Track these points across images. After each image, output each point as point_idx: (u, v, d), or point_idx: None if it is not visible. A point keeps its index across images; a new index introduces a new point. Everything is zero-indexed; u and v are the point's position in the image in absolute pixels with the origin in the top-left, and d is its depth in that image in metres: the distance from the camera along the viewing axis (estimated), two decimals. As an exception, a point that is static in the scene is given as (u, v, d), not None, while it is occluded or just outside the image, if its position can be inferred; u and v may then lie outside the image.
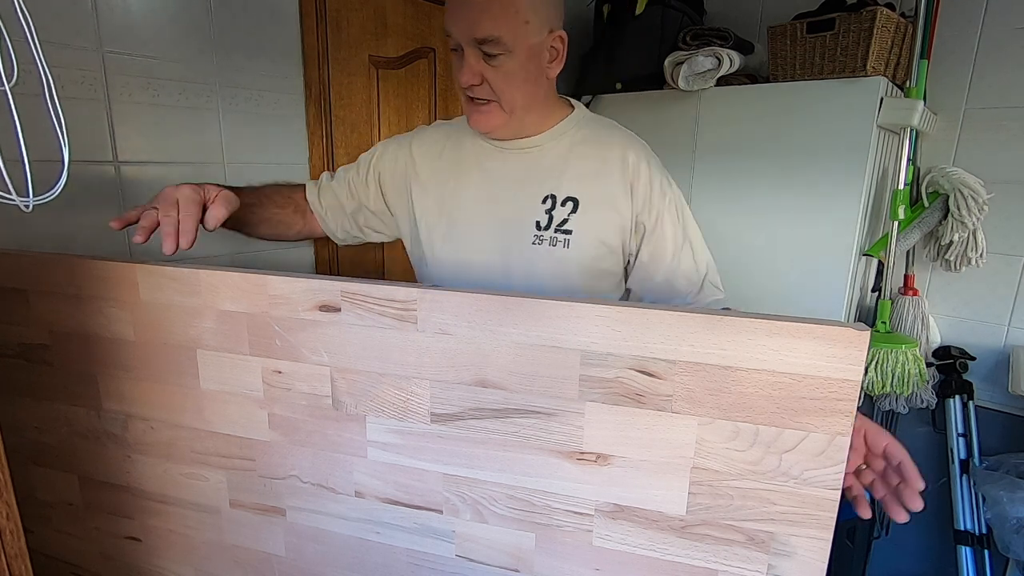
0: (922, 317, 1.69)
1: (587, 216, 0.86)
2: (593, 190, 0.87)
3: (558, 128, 0.90)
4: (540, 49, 0.82)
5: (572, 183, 0.87)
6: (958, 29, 1.58)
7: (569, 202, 0.87)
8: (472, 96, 0.83)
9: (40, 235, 1.02)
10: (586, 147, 0.89)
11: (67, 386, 0.78)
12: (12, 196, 0.60)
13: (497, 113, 0.84)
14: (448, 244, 0.92)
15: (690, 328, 0.52)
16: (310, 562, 0.74)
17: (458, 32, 0.79)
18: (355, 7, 1.48)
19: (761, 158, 1.63)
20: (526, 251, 0.88)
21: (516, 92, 0.82)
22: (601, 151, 0.89)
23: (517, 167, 0.90)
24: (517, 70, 0.81)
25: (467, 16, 0.77)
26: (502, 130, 0.87)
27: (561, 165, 0.88)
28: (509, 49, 0.78)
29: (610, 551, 0.61)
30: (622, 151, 0.88)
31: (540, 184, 0.88)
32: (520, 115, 0.86)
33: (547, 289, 0.87)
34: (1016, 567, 1.55)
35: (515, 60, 0.80)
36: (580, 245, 0.87)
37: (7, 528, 0.57)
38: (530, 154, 0.90)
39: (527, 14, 0.78)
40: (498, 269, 0.90)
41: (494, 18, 0.76)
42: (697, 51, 1.64)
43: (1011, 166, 1.57)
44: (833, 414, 0.51)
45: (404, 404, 0.64)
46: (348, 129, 1.53)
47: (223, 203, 0.76)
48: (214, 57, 1.24)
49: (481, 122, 0.85)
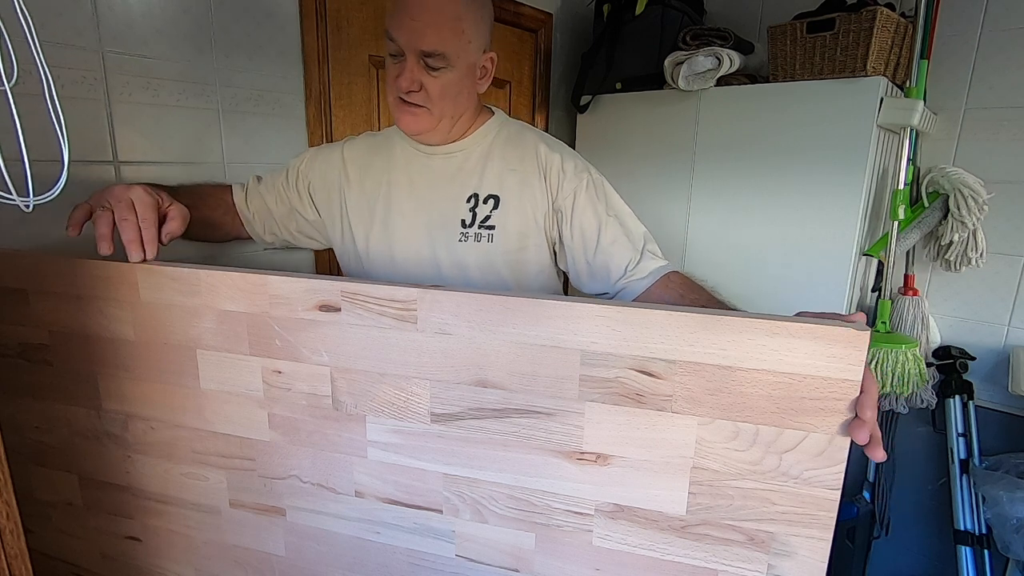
0: (922, 317, 1.69)
1: (507, 211, 0.92)
2: (512, 186, 0.93)
3: (480, 132, 0.96)
4: (475, 67, 0.89)
5: (492, 181, 0.93)
6: (958, 29, 1.58)
7: (490, 199, 0.93)
8: (405, 99, 0.87)
9: (40, 235, 1.02)
10: (505, 148, 0.96)
11: (67, 386, 0.78)
12: (12, 196, 0.60)
13: (426, 118, 0.88)
14: (381, 243, 0.98)
15: (690, 328, 0.52)
16: (310, 562, 0.74)
17: (404, 41, 0.82)
18: (355, 7, 1.48)
19: (761, 158, 1.63)
20: (453, 247, 0.94)
21: (448, 103, 0.88)
22: (518, 149, 0.95)
23: (443, 170, 0.96)
24: (453, 83, 0.86)
25: (416, 28, 0.81)
26: (428, 134, 0.92)
27: (482, 166, 0.94)
28: (451, 64, 0.84)
29: (610, 551, 0.61)
30: (535, 146, 0.94)
31: (463, 185, 0.94)
32: (447, 122, 0.91)
33: (475, 282, 0.94)
34: (1016, 567, 1.55)
35: (454, 74, 0.85)
36: (502, 238, 0.93)
37: (7, 528, 0.57)
38: (455, 157, 0.96)
39: (470, 34, 0.84)
40: (429, 265, 0.96)
41: (442, 34, 0.81)
42: (697, 51, 1.64)
43: (1011, 166, 1.57)
44: (833, 414, 0.51)
45: (404, 404, 0.64)
46: (348, 129, 1.53)
47: (179, 218, 0.78)
48: (214, 57, 1.23)
49: (410, 124, 0.89)
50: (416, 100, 0.86)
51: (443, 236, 0.94)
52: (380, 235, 0.97)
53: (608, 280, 0.91)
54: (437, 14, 0.80)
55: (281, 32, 1.35)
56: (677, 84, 1.68)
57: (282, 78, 1.37)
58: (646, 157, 1.85)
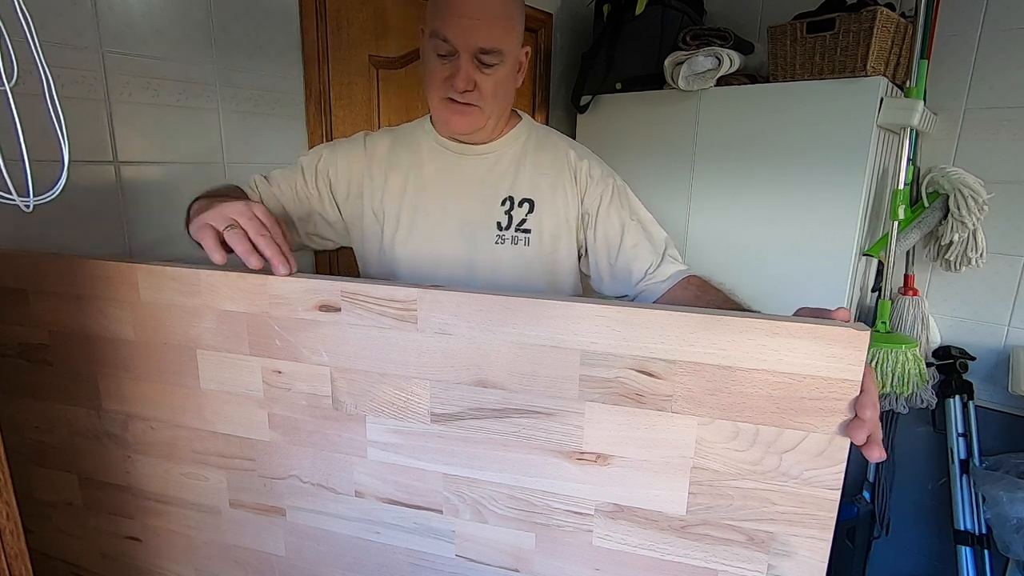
0: (922, 317, 1.69)
1: (542, 215, 0.93)
2: (545, 190, 0.93)
3: (511, 135, 0.96)
4: (519, 62, 0.89)
5: (526, 185, 0.93)
6: (958, 29, 1.58)
7: (525, 203, 0.93)
8: (457, 99, 0.86)
9: (40, 235, 1.02)
10: (537, 152, 0.96)
11: (67, 386, 0.78)
12: (12, 196, 0.60)
13: (478, 116, 0.87)
14: (409, 244, 0.95)
15: (690, 328, 0.52)
16: (310, 562, 0.74)
17: (461, 41, 0.81)
18: (355, 7, 1.48)
19: (761, 158, 1.63)
20: (490, 250, 0.93)
21: (499, 100, 0.88)
22: (549, 153, 0.96)
23: (473, 171, 0.95)
24: (504, 79, 0.86)
25: (474, 27, 0.80)
26: (477, 133, 0.91)
27: (515, 169, 0.94)
28: (504, 60, 0.83)
29: (610, 551, 0.61)
30: (566, 151, 0.96)
31: (496, 187, 0.94)
32: (494, 121, 0.91)
33: (510, 285, 0.93)
34: (1016, 567, 1.55)
35: (505, 70, 0.85)
36: (538, 242, 0.93)
37: (7, 528, 0.57)
38: (486, 159, 0.95)
39: (518, 28, 0.85)
40: (462, 266, 0.94)
41: (497, 31, 0.81)
42: (697, 51, 1.64)
43: (1011, 166, 1.57)
44: (833, 414, 0.51)
45: (404, 404, 0.64)
46: (348, 129, 1.53)
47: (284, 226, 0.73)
48: (214, 57, 1.24)
49: (461, 123, 0.88)
50: (469, 99, 0.85)
51: (479, 238, 0.93)
52: (407, 235, 0.95)
53: (629, 283, 0.92)
54: (493, 11, 0.80)
55: (281, 32, 1.35)
56: (677, 84, 1.68)
57: (282, 78, 1.37)
58: (646, 157, 1.85)
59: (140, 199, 1.16)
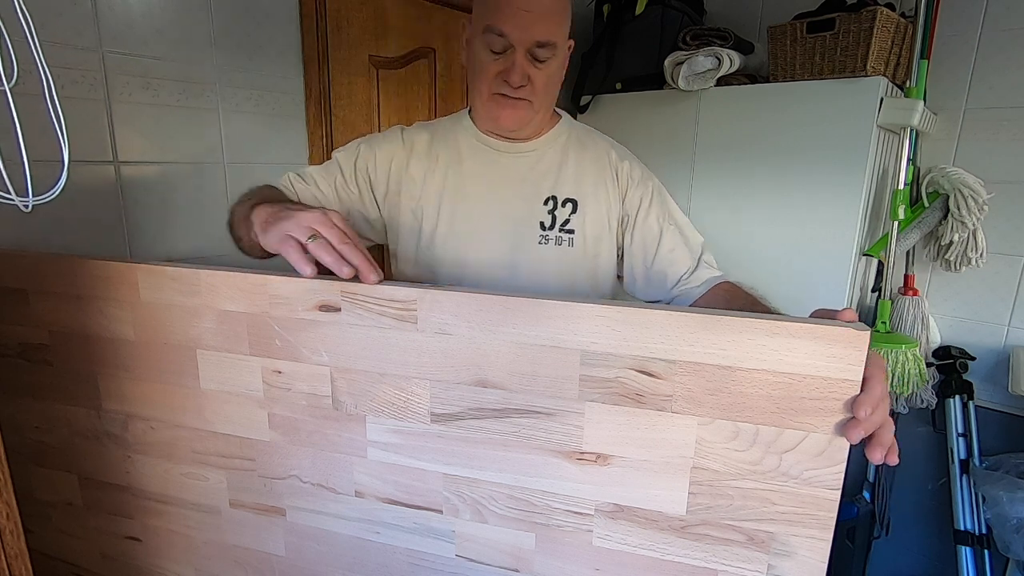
0: (922, 317, 1.69)
1: (586, 216, 0.91)
2: (588, 191, 0.92)
3: (552, 133, 0.94)
4: (567, 54, 0.88)
5: (569, 185, 0.92)
6: (958, 29, 1.58)
7: (568, 203, 0.91)
8: (509, 95, 0.85)
9: (40, 235, 1.02)
10: (579, 151, 0.94)
11: (67, 386, 0.78)
12: (12, 196, 0.60)
13: (527, 111, 0.86)
14: (450, 243, 0.92)
15: (690, 328, 0.52)
16: (310, 562, 0.74)
17: (517, 35, 0.80)
18: (355, 7, 1.48)
19: (761, 158, 1.63)
20: (534, 250, 0.91)
21: (549, 94, 0.88)
22: (590, 152, 0.95)
23: (516, 169, 0.93)
24: (555, 72, 0.86)
25: (531, 20, 0.79)
26: (525, 127, 0.90)
27: (557, 168, 0.93)
28: (556, 53, 0.83)
29: (610, 551, 0.61)
30: (606, 151, 0.95)
31: (538, 185, 0.92)
32: (542, 116, 0.90)
33: (552, 287, 0.91)
34: (1016, 567, 1.55)
35: (556, 63, 0.85)
36: (581, 243, 0.91)
37: (7, 528, 0.57)
38: (527, 157, 0.93)
39: (568, 23, 0.85)
40: (505, 267, 0.91)
41: (555, 24, 0.81)
42: (697, 51, 1.64)
43: (1011, 166, 1.56)
44: (833, 414, 0.51)
45: (404, 404, 0.64)
46: (348, 129, 1.53)
47: None
48: (214, 57, 1.24)
49: (511, 118, 0.87)
50: (522, 94, 0.84)
51: (522, 238, 0.91)
52: (446, 234, 0.92)
53: (664, 287, 0.91)
54: (549, 4, 0.80)
55: (281, 32, 1.35)
56: (677, 84, 1.68)
57: (282, 78, 1.37)
58: (646, 157, 1.83)
59: (140, 199, 1.16)
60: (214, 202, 1.28)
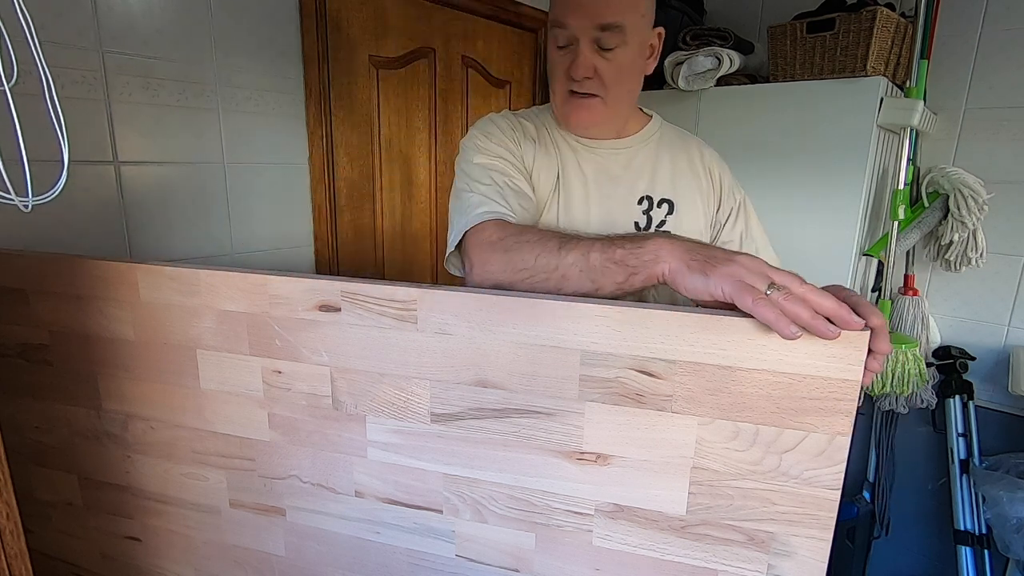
0: (922, 317, 1.69)
1: (682, 218, 0.88)
2: (684, 192, 0.89)
3: (644, 132, 0.91)
4: (647, 44, 0.83)
5: (664, 185, 0.88)
6: (958, 29, 1.58)
7: (664, 204, 0.88)
8: (577, 90, 0.81)
9: (40, 235, 1.02)
10: (673, 151, 0.91)
11: (67, 386, 0.78)
12: (12, 196, 0.60)
13: (600, 108, 0.82)
14: None
15: (690, 328, 0.52)
16: (310, 562, 0.74)
17: (577, 22, 0.77)
18: (355, 7, 1.48)
19: (761, 158, 1.63)
20: None
21: (623, 87, 0.82)
22: (686, 154, 0.91)
23: (610, 166, 0.89)
24: (629, 64, 0.80)
25: (592, 4, 0.76)
26: (599, 127, 0.86)
27: (651, 167, 0.89)
28: (626, 40, 0.78)
29: (610, 551, 0.61)
30: (699, 151, 0.92)
31: (634, 184, 0.88)
32: (619, 113, 0.86)
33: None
34: (1016, 567, 1.55)
35: (628, 53, 0.79)
36: None
37: (7, 528, 0.57)
38: (621, 154, 0.89)
39: (644, 7, 0.79)
40: None
41: (620, 7, 0.76)
42: (697, 51, 1.64)
43: (1011, 166, 1.57)
44: (833, 414, 0.51)
45: (404, 404, 0.64)
46: (348, 129, 1.53)
47: None
48: (214, 57, 1.23)
49: (583, 117, 0.83)
50: (590, 88, 0.80)
51: None
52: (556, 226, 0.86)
53: None
54: None
55: (281, 32, 1.35)
56: (677, 84, 1.68)
57: (282, 78, 1.37)
58: (646, 157, 1.85)
59: (140, 199, 1.16)
60: (214, 202, 1.28)
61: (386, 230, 1.69)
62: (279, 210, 1.42)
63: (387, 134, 1.64)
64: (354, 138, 1.55)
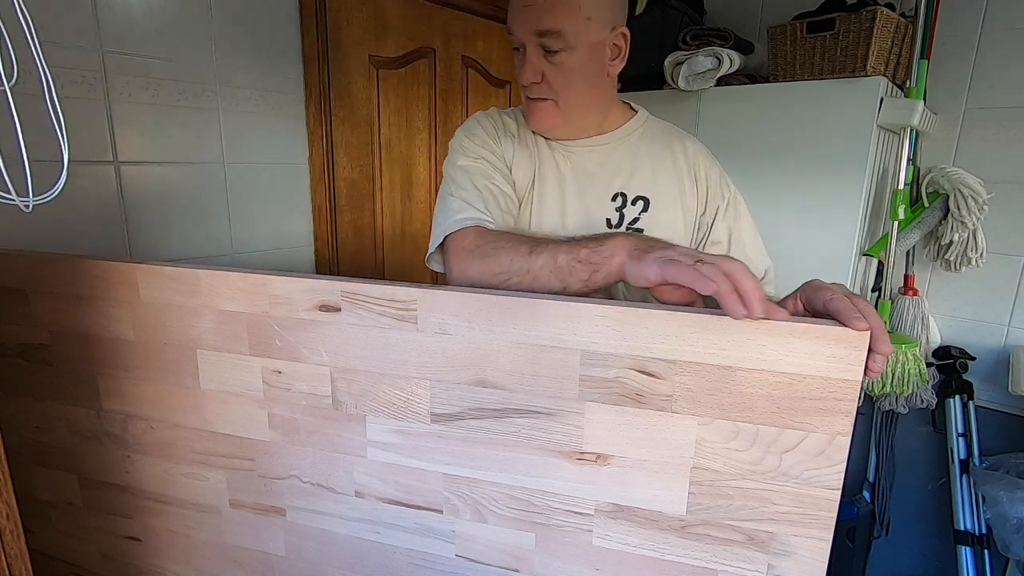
0: (922, 317, 1.69)
1: (658, 215, 0.87)
2: (662, 189, 0.87)
3: (624, 128, 0.90)
4: (602, 47, 0.82)
5: (641, 182, 0.87)
6: (958, 29, 1.58)
7: (639, 201, 0.87)
8: (529, 95, 0.83)
9: (40, 235, 1.02)
10: (653, 147, 0.90)
11: (67, 386, 0.78)
12: (12, 196, 0.60)
13: (553, 112, 0.83)
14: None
15: (690, 328, 0.52)
16: (310, 562, 0.74)
17: (520, 28, 0.79)
18: (355, 7, 1.48)
19: (761, 158, 1.62)
20: None
21: (574, 91, 0.82)
22: (667, 150, 0.90)
23: (585, 163, 0.89)
24: (577, 68, 0.80)
25: (530, 12, 0.77)
26: (559, 129, 0.86)
27: (630, 164, 0.88)
28: (570, 45, 0.78)
29: (610, 551, 0.61)
30: (683, 147, 0.90)
31: (609, 181, 0.88)
32: (578, 115, 0.85)
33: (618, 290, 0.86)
34: (1016, 567, 1.55)
35: (576, 57, 0.79)
36: None
37: (7, 528, 0.57)
38: (596, 152, 0.89)
39: (589, 10, 0.78)
40: None
41: (556, 12, 0.77)
42: (697, 51, 1.64)
43: (1011, 166, 1.56)
44: (833, 414, 0.51)
45: (404, 404, 0.64)
46: (348, 129, 1.53)
47: None
48: (214, 57, 1.24)
49: (538, 120, 0.85)
50: (540, 93, 0.82)
51: None
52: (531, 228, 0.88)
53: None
54: None
55: (281, 32, 1.35)
56: (677, 84, 1.68)
57: (282, 78, 1.37)
58: (646, 157, 1.85)
59: (140, 199, 1.16)
60: (214, 202, 1.28)
61: (386, 230, 1.69)
62: (279, 210, 1.42)
63: (387, 134, 1.64)
64: (354, 138, 1.55)
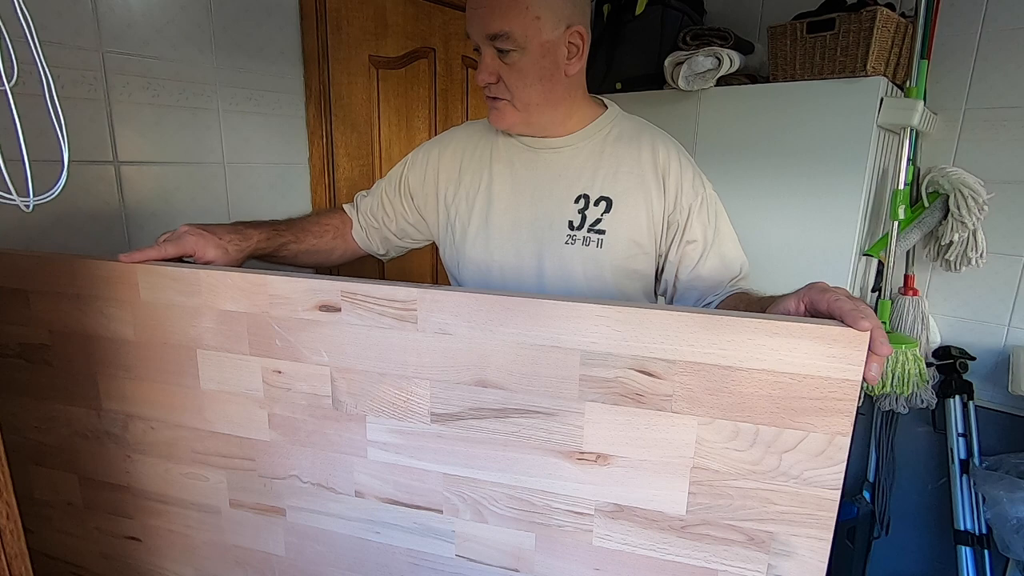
0: (922, 317, 1.69)
1: (620, 216, 0.86)
2: (626, 189, 0.87)
3: (590, 128, 0.90)
4: (555, 46, 0.81)
5: (605, 182, 0.87)
6: (958, 29, 1.58)
7: (602, 202, 0.87)
8: (486, 95, 0.85)
9: (40, 235, 1.02)
10: (619, 146, 0.89)
11: (67, 386, 0.78)
12: (12, 196, 0.60)
13: (510, 111, 0.85)
14: (480, 244, 0.92)
15: (690, 328, 0.52)
16: (310, 562, 0.74)
17: (473, 30, 0.81)
18: (355, 7, 1.48)
19: (761, 158, 1.62)
20: (559, 251, 0.87)
21: (529, 90, 0.83)
22: (633, 150, 0.88)
23: (550, 166, 0.90)
24: (530, 67, 0.81)
25: (481, 15, 0.80)
26: (520, 127, 0.88)
27: (594, 164, 0.88)
28: (521, 45, 0.79)
29: (610, 551, 0.61)
30: (652, 146, 0.89)
31: (572, 184, 0.88)
32: (537, 112, 0.86)
33: (580, 290, 0.87)
34: (1016, 567, 1.55)
35: (528, 57, 0.80)
36: (613, 245, 0.86)
37: (7, 528, 0.57)
38: (562, 153, 0.89)
39: (537, 10, 0.78)
40: (532, 269, 0.89)
41: (503, 14, 0.78)
42: (697, 51, 1.64)
43: (1011, 166, 1.56)
44: (833, 414, 0.51)
45: (404, 404, 0.64)
46: (348, 129, 1.53)
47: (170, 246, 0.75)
48: (214, 57, 1.23)
49: (496, 119, 0.87)
50: (496, 93, 0.84)
51: (548, 237, 0.87)
52: (477, 234, 0.92)
53: (689, 302, 0.88)
54: None
55: (281, 32, 1.35)
56: (677, 84, 1.68)
57: (282, 78, 1.37)
58: (646, 157, 1.85)
59: (140, 199, 1.16)
60: (214, 202, 1.28)
61: (386, 230, 1.69)
62: (279, 210, 1.42)
63: (387, 134, 1.64)
64: (354, 138, 1.55)
